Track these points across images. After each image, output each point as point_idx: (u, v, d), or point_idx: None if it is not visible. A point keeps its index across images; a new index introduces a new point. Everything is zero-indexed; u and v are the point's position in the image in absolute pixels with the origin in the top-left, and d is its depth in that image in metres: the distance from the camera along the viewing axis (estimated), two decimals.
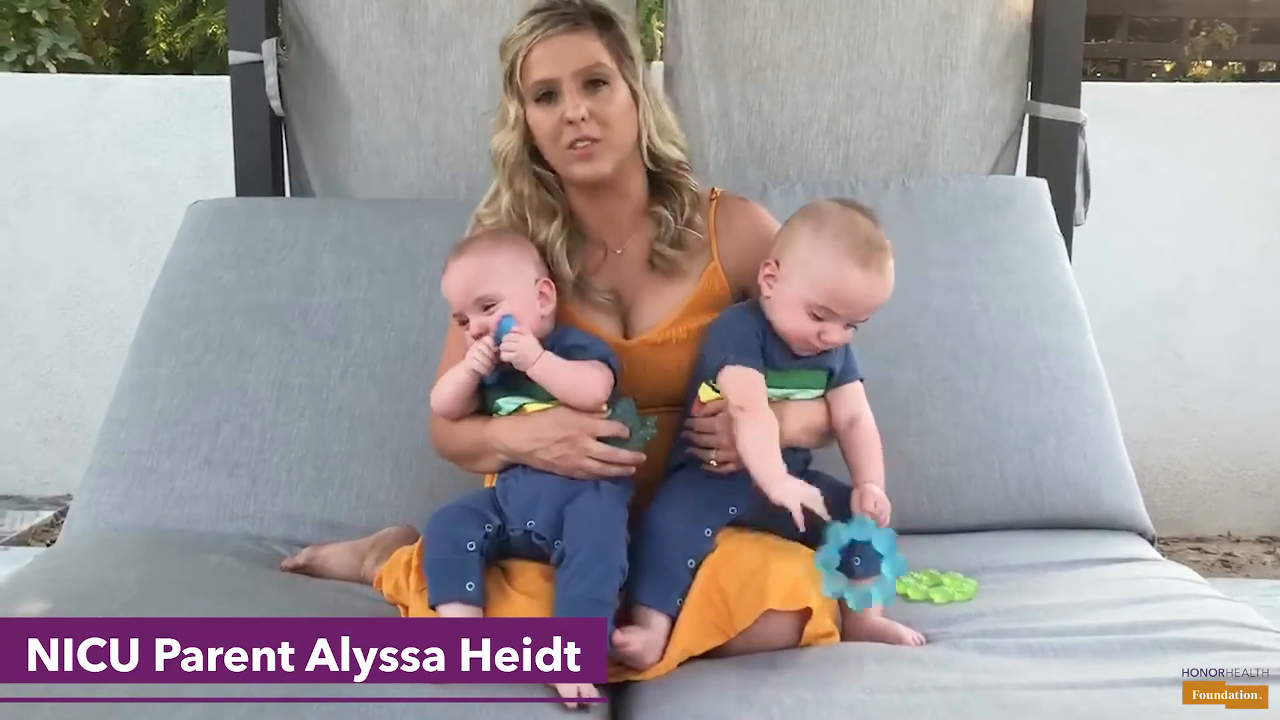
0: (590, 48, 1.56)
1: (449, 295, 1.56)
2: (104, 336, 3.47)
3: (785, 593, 1.38)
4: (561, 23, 1.56)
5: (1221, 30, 5.50)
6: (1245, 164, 3.35)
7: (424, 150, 2.36)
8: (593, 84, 1.56)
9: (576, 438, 1.48)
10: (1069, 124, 2.31)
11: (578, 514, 1.45)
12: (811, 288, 1.48)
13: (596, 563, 1.39)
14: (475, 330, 1.52)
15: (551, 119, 1.57)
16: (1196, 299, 3.37)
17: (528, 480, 1.50)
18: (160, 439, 1.91)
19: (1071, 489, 1.88)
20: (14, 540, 3.19)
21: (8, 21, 4.51)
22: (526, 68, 1.57)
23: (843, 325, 1.50)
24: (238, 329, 2.01)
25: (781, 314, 1.51)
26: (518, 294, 1.53)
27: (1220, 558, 3.23)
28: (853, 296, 1.48)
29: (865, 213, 1.53)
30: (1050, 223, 2.17)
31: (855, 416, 1.55)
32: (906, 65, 2.33)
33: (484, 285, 1.52)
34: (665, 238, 1.64)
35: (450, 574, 1.42)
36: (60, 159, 3.45)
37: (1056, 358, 1.99)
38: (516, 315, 1.51)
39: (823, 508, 1.39)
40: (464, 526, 1.45)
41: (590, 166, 1.58)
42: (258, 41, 2.30)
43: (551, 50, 1.56)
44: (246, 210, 2.21)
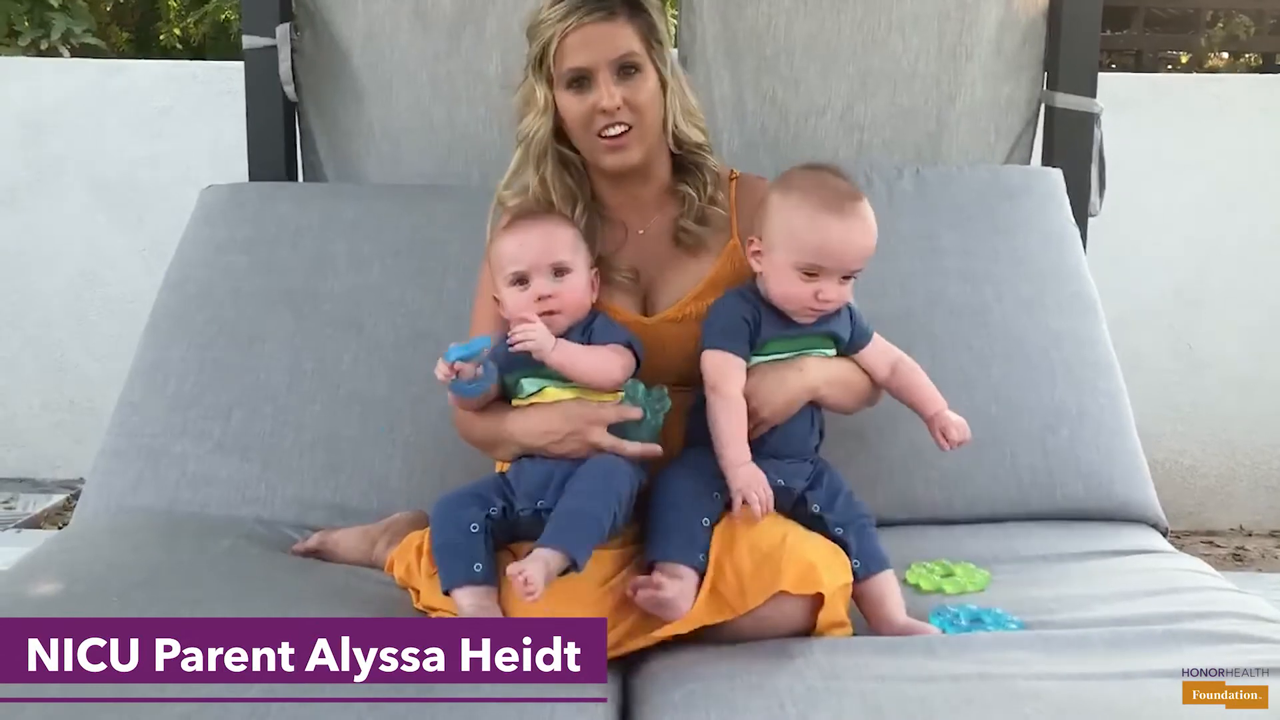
0: (623, 35, 1.58)
1: (521, 251, 1.53)
2: (116, 320, 3.47)
3: (799, 575, 1.38)
4: (597, 10, 1.57)
5: (1239, 21, 5.46)
6: (1262, 156, 3.33)
7: (437, 136, 2.36)
8: (625, 71, 1.58)
9: (584, 431, 1.49)
10: (1084, 114, 2.29)
11: (589, 464, 1.47)
12: (795, 249, 1.49)
13: (595, 485, 1.41)
14: (543, 290, 1.51)
15: (583, 106, 1.58)
16: (1211, 292, 3.35)
17: (541, 465, 1.51)
18: (173, 422, 1.91)
19: (1084, 480, 1.88)
20: (26, 523, 3.21)
21: (22, 5, 4.51)
22: (561, 54, 1.57)
23: (837, 280, 1.50)
24: (250, 313, 2.01)
25: (775, 284, 1.52)
26: (584, 270, 1.55)
27: (1232, 551, 3.22)
28: (835, 246, 1.49)
29: (832, 169, 1.55)
30: (1065, 213, 2.16)
31: (893, 364, 1.60)
32: (921, 53, 2.32)
33: (563, 250, 1.53)
34: (690, 214, 1.66)
35: (457, 557, 1.42)
36: (73, 143, 3.45)
37: (1070, 348, 1.98)
38: (583, 288, 1.53)
39: (760, 507, 1.41)
40: (466, 509, 1.45)
41: (620, 157, 1.61)
42: (271, 26, 2.30)
43: (586, 38, 1.56)
44: (259, 195, 2.22)
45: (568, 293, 1.52)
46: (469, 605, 1.39)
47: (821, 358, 1.57)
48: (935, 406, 1.58)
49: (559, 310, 1.52)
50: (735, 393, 1.49)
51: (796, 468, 1.53)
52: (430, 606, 1.48)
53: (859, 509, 1.52)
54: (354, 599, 1.53)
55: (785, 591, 1.37)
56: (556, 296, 1.52)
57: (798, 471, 1.53)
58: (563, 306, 1.52)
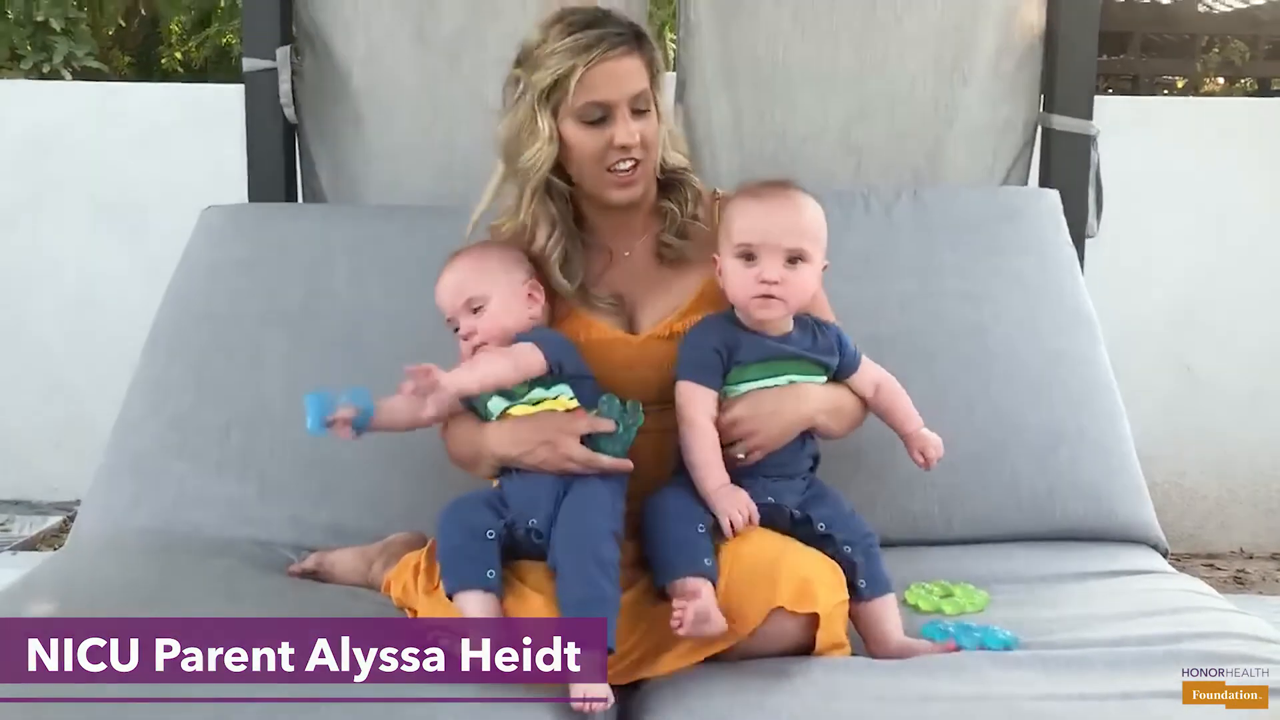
0: (640, 72, 1.57)
1: (440, 303, 1.60)
2: (115, 342, 3.45)
3: (795, 592, 1.37)
4: (619, 45, 1.55)
5: (1234, 47, 5.50)
6: (1259, 179, 3.35)
7: (436, 157, 2.36)
8: (640, 108, 1.57)
9: (557, 441, 1.49)
10: (1081, 136, 2.30)
11: (563, 518, 1.45)
12: (728, 239, 1.53)
13: (586, 562, 1.39)
14: (464, 331, 1.57)
15: (598, 141, 1.56)
16: (1210, 314, 3.37)
17: (524, 480, 1.51)
18: (170, 442, 1.91)
19: (1083, 500, 1.87)
20: (23, 545, 3.20)
21: (25, 29, 4.54)
22: (581, 87, 1.54)
23: (781, 262, 1.50)
24: (249, 333, 2.01)
25: (728, 285, 1.54)
26: (504, 293, 1.56)
27: (1233, 574, 3.22)
28: (758, 222, 1.51)
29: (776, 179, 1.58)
30: (1063, 233, 2.16)
31: (878, 383, 1.61)
32: (919, 76, 2.33)
33: (471, 287, 1.56)
34: (671, 229, 1.67)
35: (470, 561, 1.40)
36: (74, 164, 3.47)
37: (1069, 368, 1.98)
38: (503, 313, 1.55)
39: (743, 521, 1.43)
40: (483, 514, 1.45)
41: (629, 192, 1.61)
42: (272, 49, 2.31)
43: (610, 73, 1.54)
44: (259, 215, 2.22)
45: (484, 323, 1.55)
46: (478, 613, 1.37)
47: (823, 386, 1.57)
48: (913, 425, 1.60)
49: (485, 341, 1.55)
50: (704, 422, 1.50)
51: (787, 485, 1.53)
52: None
53: (864, 528, 1.52)
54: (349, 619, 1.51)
55: (782, 608, 1.36)
56: (478, 332, 1.55)
57: (788, 488, 1.53)
58: (486, 337, 1.55)
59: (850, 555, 1.48)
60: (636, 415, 1.54)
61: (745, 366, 1.53)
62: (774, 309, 1.52)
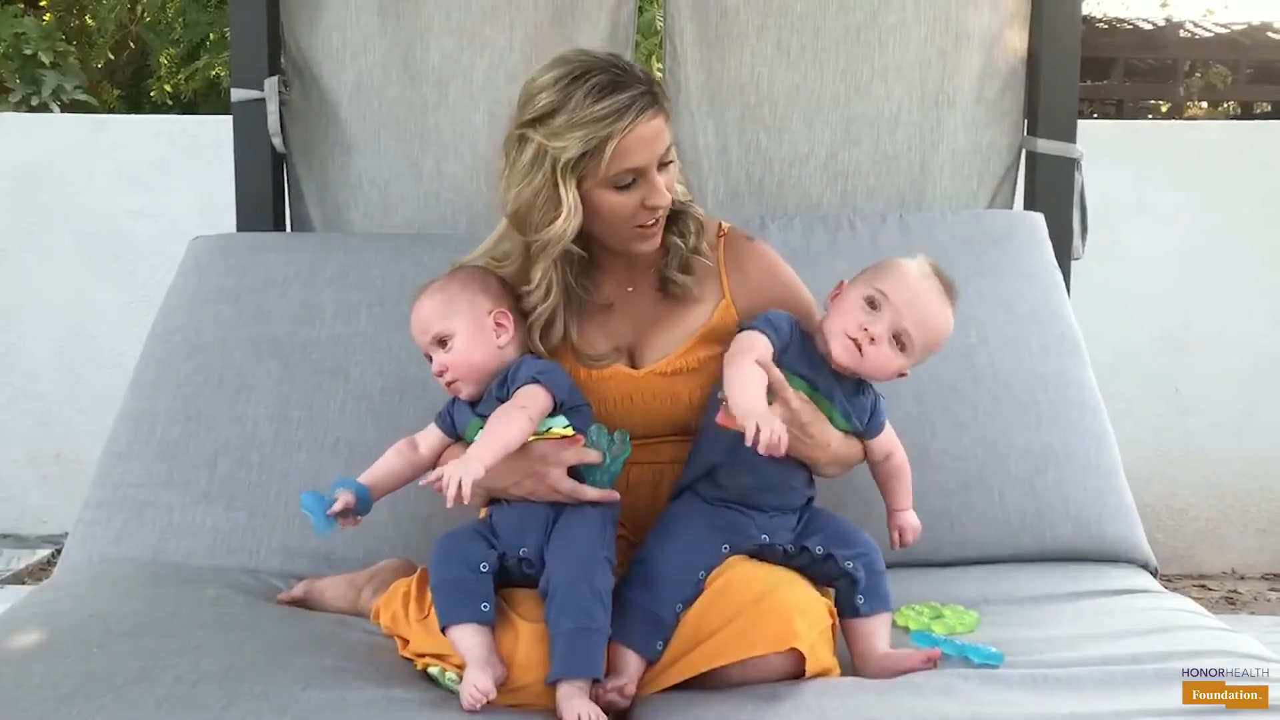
0: (665, 129, 1.52)
1: (415, 338, 1.59)
2: (104, 374, 3.47)
3: (774, 634, 1.37)
4: (650, 106, 1.48)
5: (1216, 71, 5.55)
6: (1243, 202, 3.38)
7: (424, 186, 2.38)
8: (666, 160, 1.54)
9: (543, 473, 1.48)
10: (1065, 159, 2.32)
11: (556, 544, 1.45)
12: (873, 281, 1.53)
13: (580, 591, 1.38)
14: (436, 368, 1.56)
15: (630, 203, 1.51)
16: (1197, 336, 3.38)
17: (515, 510, 1.50)
18: (158, 472, 1.91)
19: (1072, 521, 1.87)
20: (10, 579, 3.18)
21: (13, 62, 4.56)
22: (615, 157, 1.46)
23: (889, 330, 1.50)
24: (237, 362, 2.01)
25: (836, 309, 1.55)
26: (469, 326, 1.55)
27: (1224, 595, 3.22)
28: (904, 296, 1.51)
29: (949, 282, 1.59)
30: (1048, 255, 2.18)
31: (890, 453, 1.63)
32: (904, 101, 2.35)
33: (436, 322, 1.55)
34: (674, 264, 1.64)
35: (465, 594, 1.40)
36: (63, 197, 3.47)
37: (1056, 389, 1.99)
38: (469, 348, 1.53)
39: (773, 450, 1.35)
40: (477, 547, 1.45)
41: (653, 243, 1.59)
42: (260, 79, 2.33)
43: (643, 138, 1.47)
44: (247, 245, 2.22)
45: (452, 359, 1.54)
46: (472, 645, 1.37)
47: (846, 437, 1.58)
48: (904, 504, 1.64)
49: (457, 378, 1.54)
50: (766, 360, 1.48)
51: (781, 521, 1.53)
52: (417, 653, 1.47)
53: (865, 543, 1.53)
54: (339, 647, 1.51)
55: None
56: (448, 369, 1.55)
57: (783, 525, 1.53)
58: (457, 374, 1.54)
59: (853, 571, 1.48)
60: (624, 446, 1.53)
61: (791, 375, 1.52)
62: (849, 357, 1.52)
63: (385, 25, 2.35)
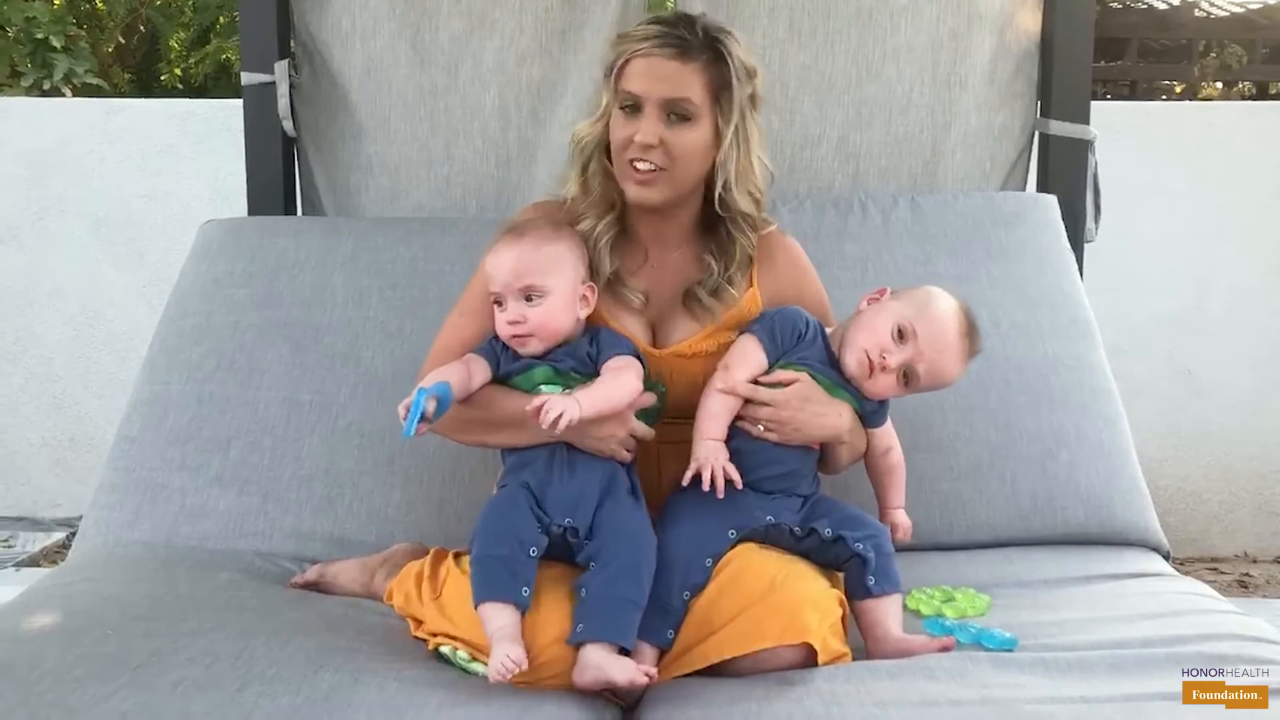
0: (687, 80, 1.54)
1: (494, 273, 1.53)
2: (117, 358, 3.49)
3: (783, 626, 1.38)
4: (671, 47, 1.54)
5: (1231, 52, 5.51)
6: (1257, 183, 3.35)
7: (435, 169, 2.37)
8: (675, 115, 1.55)
9: (626, 416, 1.51)
10: (1078, 140, 2.31)
11: (617, 521, 1.46)
12: (909, 312, 1.55)
13: (639, 565, 1.41)
14: (512, 316, 1.51)
15: (624, 132, 1.57)
16: (1210, 318, 3.36)
17: (573, 481, 1.49)
18: (171, 456, 1.91)
19: (1084, 504, 1.87)
20: (25, 561, 3.20)
21: (25, 46, 4.56)
22: (622, 74, 1.57)
23: (903, 362, 1.54)
24: (249, 346, 2.02)
25: (866, 325, 1.56)
26: (567, 292, 1.53)
27: (1237, 578, 3.21)
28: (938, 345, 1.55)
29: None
30: (1060, 238, 2.17)
31: (890, 447, 1.67)
32: (916, 83, 2.34)
33: (535, 274, 1.51)
34: (706, 285, 1.64)
35: (511, 573, 1.38)
36: (74, 182, 3.48)
37: (1068, 372, 1.98)
38: (560, 312, 1.51)
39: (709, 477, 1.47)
40: (529, 529, 1.42)
41: (642, 192, 1.59)
42: (270, 63, 2.33)
43: (648, 68, 1.54)
44: (258, 229, 2.22)
45: (538, 317, 1.51)
46: (503, 625, 1.35)
47: (860, 429, 1.61)
48: (898, 501, 1.67)
49: (529, 334, 1.52)
50: (740, 383, 1.53)
51: (785, 503, 1.54)
52: (431, 633, 1.47)
53: (872, 525, 1.53)
54: (352, 629, 1.52)
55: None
56: (525, 321, 1.51)
57: (787, 506, 1.53)
58: (533, 330, 1.51)
59: (863, 551, 1.48)
60: (660, 392, 1.59)
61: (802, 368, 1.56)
62: (858, 371, 1.56)
63: (394, 8, 2.34)
